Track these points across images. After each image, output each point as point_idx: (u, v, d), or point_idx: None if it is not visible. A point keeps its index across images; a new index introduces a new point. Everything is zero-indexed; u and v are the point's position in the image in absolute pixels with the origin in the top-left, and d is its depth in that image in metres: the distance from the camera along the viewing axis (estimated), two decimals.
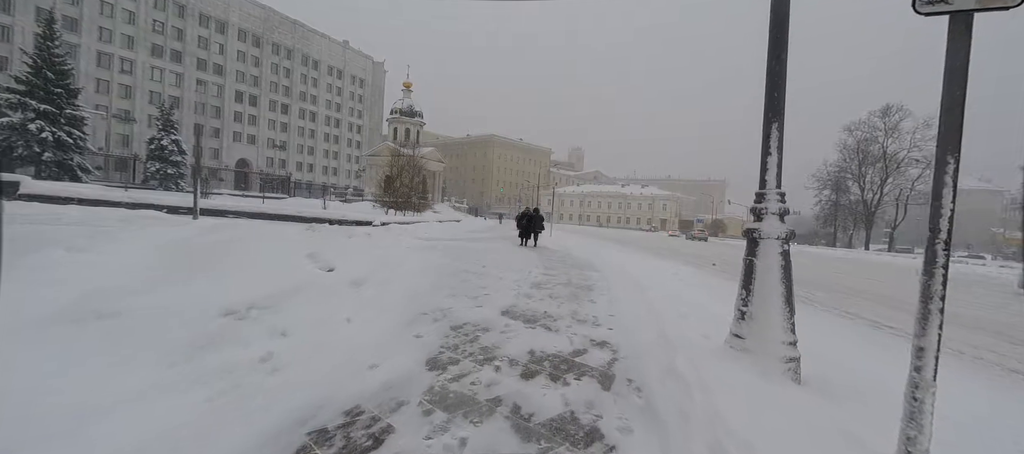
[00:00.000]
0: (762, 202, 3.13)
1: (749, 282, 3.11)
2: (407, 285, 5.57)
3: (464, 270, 7.87)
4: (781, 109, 3.07)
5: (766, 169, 3.10)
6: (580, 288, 6.87)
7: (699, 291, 7.46)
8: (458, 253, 10.76)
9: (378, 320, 3.71)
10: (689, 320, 4.58)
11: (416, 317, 4.12)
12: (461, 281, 6.65)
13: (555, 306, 5.30)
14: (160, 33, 57.26)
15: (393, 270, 6.39)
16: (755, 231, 3.12)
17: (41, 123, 26.40)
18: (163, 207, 15.25)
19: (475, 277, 7.17)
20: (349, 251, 6.62)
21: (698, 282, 9.05)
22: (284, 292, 3.38)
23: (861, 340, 4.77)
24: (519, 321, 4.42)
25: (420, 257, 8.78)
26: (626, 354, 3.54)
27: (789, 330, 2.94)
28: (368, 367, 2.72)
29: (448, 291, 5.70)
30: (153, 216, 10.86)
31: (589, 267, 9.94)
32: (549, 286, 6.89)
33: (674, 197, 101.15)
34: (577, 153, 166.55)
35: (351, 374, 2.59)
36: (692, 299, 6.28)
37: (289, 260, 4.42)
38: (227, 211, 16.01)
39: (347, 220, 16.36)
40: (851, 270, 20.74)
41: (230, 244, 4.67)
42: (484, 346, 3.48)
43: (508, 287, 6.50)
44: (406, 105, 58.05)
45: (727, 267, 14.02)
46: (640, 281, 7.98)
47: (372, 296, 4.36)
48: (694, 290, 7.47)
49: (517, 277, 7.61)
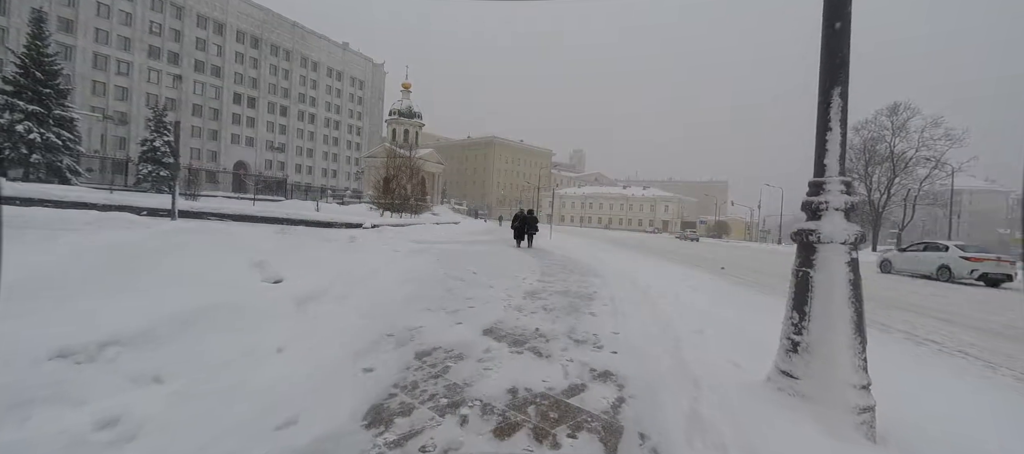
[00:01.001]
0: (820, 193, 2.34)
1: (803, 302, 2.31)
2: (377, 298, 4.79)
3: (451, 277, 7.09)
4: (845, 65, 2.29)
5: (825, 149, 2.32)
6: (579, 298, 6.08)
7: (713, 299, 6.66)
8: (449, 258, 9.98)
9: (322, 348, 2.93)
10: (709, 339, 3.79)
11: (376, 341, 3.33)
12: (445, 291, 5.87)
13: (549, 322, 4.51)
14: (157, 35, 56.80)
15: (365, 279, 5.62)
16: (811, 233, 2.32)
17: (29, 124, 25.75)
18: (143, 209, 14.51)
19: (462, 286, 6.39)
20: (316, 258, 5.85)
21: (711, 288, 8.24)
22: (186, 315, 2.61)
23: (929, 368, 3.96)
24: (504, 343, 3.63)
25: (405, 263, 8.01)
26: (636, 391, 2.75)
27: (861, 368, 2.16)
28: (278, 426, 1.94)
29: (426, 304, 4.92)
30: (123, 218, 10.15)
31: (590, 272, 9.15)
32: (544, 295, 6.10)
33: (676, 199, 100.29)
34: (578, 155, 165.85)
35: (247, 439, 1.82)
36: (707, 309, 5.49)
37: (225, 271, 3.66)
38: (210, 213, 15.28)
39: (336, 223, 15.62)
40: (873, 275, 20.48)
41: (159, 252, 3.91)
42: (452, 383, 2.69)
43: (498, 297, 5.71)
44: (405, 106, 57.39)
45: (737, 271, 13.23)
46: (647, 288, 7.19)
47: (325, 314, 3.59)
48: (707, 298, 6.67)
49: (509, 285, 6.83)
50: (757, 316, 5.14)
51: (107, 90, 52.16)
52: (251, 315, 2.97)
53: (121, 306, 2.48)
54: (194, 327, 2.51)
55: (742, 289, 8.83)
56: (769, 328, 4.56)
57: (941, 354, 4.49)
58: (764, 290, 8.96)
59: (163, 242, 4.58)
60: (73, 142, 27.84)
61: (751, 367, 3.00)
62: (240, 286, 3.47)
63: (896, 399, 2.39)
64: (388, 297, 5.07)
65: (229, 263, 3.91)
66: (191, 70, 60.50)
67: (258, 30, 68.43)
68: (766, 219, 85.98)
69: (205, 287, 3.12)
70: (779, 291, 8.80)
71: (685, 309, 5.36)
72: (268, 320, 3.05)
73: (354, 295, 4.66)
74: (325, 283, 4.40)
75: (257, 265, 3.99)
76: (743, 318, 4.91)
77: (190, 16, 59.93)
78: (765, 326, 4.62)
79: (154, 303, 2.61)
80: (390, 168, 30.33)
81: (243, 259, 4.06)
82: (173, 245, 4.50)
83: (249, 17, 67.12)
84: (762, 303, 6.99)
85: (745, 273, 12.79)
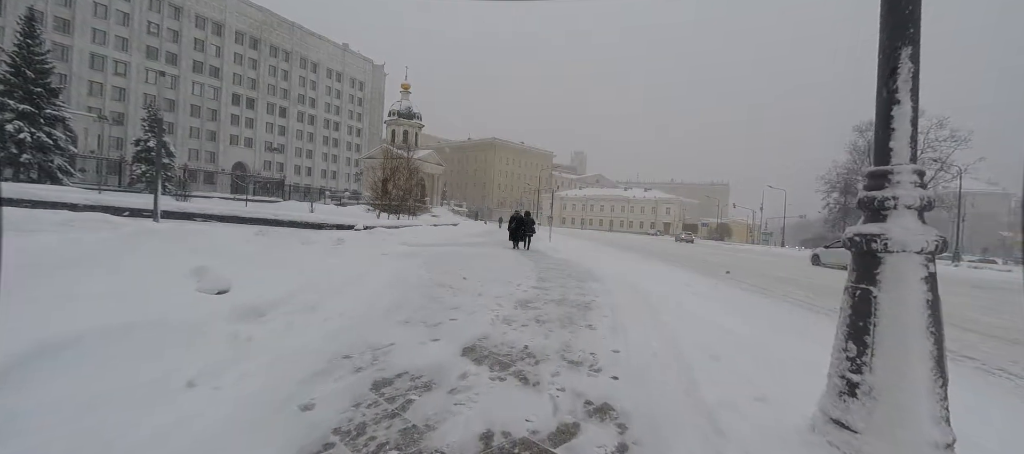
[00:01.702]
0: (885, 186, 1.80)
1: (863, 330, 1.76)
2: (351, 308, 4.25)
3: (438, 283, 6.54)
4: (914, 19, 1.75)
5: (890, 129, 1.79)
6: (576, 307, 5.53)
7: (722, 309, 6.10)
8: (440, 262, 9.43)
9: (255, 377, 2.38)
10: (727, 365, 3.23)
11: (328, 366, 2.78)
12: (429, 299, 5.32)
13: (541, 337, 3.96)
14: (155, 35, 56.45)
15: (343, 286, 5.08)
16: (874, 239, 1.77)
17: (19, 123, 25.30)
18: (125, 210, 14.00)
19: (449, 294, 5.84)
20: (290, 263, 5.32)
21: (719, 296, 7.68)
22: (63, 341, 2.05)
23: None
24: (485, 366, 3.08)
25: (391, 267, 7.46)
26: (641, 434, 2.20)
27: (943, 420, 1.61)
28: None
29: (404, 315, 4.37)
30: (97, 218, 9.64)
31: (589, 277, 8.59)
32: (538, 305, 5.55)
33: (677, 201, 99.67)
34: (579, 157, 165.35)
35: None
36: (718, 321, 4.94)
37: (157, 280, 3.12)
38: (197, 214, 14.75)
39: (327, 224, 15.09)
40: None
41: (94, 257, 3.38)
42: (410, 426, 2.14)
43: (486, 307, 5.17)
44: (404, 107, 56.89)
45: (742, 276, 12.63)
46: (649, 295, 6.63)
47: (272, 332, 3.04)
48: (718, 307, 6.12)
49: (501, 292, 6.28)
50: (778, 335, 4.59)
51: (104, 91, 51.76)
52: (170, 336, 2.42)
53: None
54: (65, 357, 1.96)
55: (752, 297, 8.26)
56: (794, 349, 3.94)
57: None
58: (775, 297, 8.39)
59: (109, 246, 4.06)
60: (65, 142, 27.39)
61: (781, 403, 2.44)
62: (168, 298, 2.93)
63: None
64: (364, 307, 4.53)
65: (171, 269, 3.38)
66: (189, 71, 60.11)
67: (257, 31, 68.07)
68: (768, 222, 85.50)
69: (118, 301, 2.57)
70: (794, 300, 8.24)
71: (695, 322, 4.80)
72: (191, 342, 2.50)
73: (325, 305, 4.11)
74: (289, 292, 3.86)
75: (196, 271, 3.45)
76: (761, 335, 4.35)
77: (188, 16, 59.58)
78: (789, 347, 4.07)
79: (33, 323, 2.07)
80: (387, 169, 29.77)
81: (186, 264, 3.52)
82: (117, 249, 3.97)
83: (248, 18, 66.77)
84: (779, 316, 6.43)
85: (751, 278, 12.19)
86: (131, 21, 53.77)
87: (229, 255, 5.19)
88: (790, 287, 10.22)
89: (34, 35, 26.42)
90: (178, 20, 58.68)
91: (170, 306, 2.79)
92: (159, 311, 2.65)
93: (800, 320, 6.01)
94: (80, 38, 49.36)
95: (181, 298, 3.03)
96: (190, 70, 60.19)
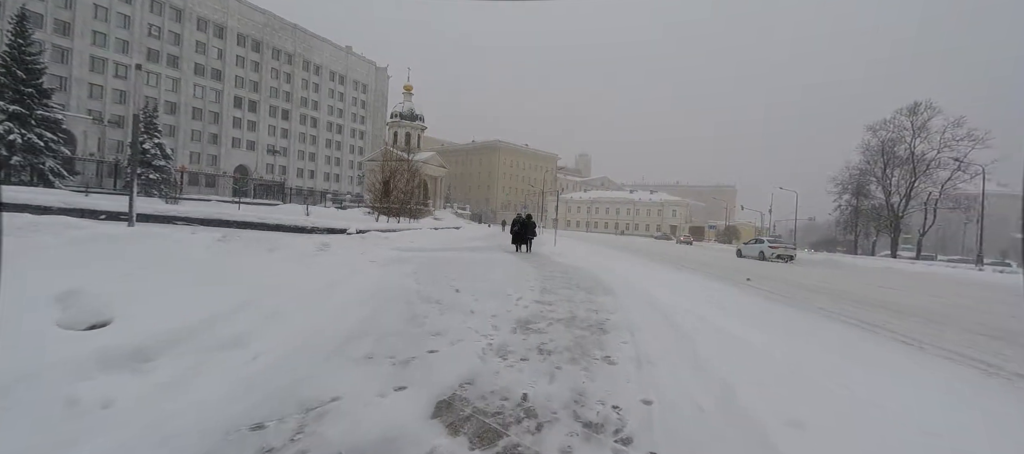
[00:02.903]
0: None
1: None
2: (290, 340, 3.29)
3: (425, 297, 5.59)
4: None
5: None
6: (588, 329, 4.55)
7: (761, 328, 5.09)
8: (432, 269, 8.48)
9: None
10: (819, 436, 2.23)
11: (217, 447, 1.83)
12: (407, 321, 4.36)
13: (546, 380, 2.99)
14: (156, 38, 56.06)
15: (304, 303, 4.14)
16: None
17: (9, 125, 24.64)
18: (102, 213, 13.17)
19: (435, 311, 4.88)
20: (233, 275, 4.38)
21: (752, 310, 6.65)
22: None
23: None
24: (463, 439, 2.12)
25: (372, 278, 6.52)
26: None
27: None
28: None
29: (368, 347, 3.41)
30: (58, 222, 8.78)
31: (599, 287, 7.60)
32: (542, 325, 4.57)
33: (684, 203, 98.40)
34: (584, 159, 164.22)
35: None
36: (766, 348, 3.94)
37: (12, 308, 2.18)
38: (180, 218, 13.89)
39: (318, 227, 14.18)
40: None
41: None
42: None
43: (478, 330, 4.20)
44: (406, 109, 56.10)
45: (763, 282, 11.54)
46: (671, 311, 5.63)
47: (152, 388, 2.10)
48: (752, 327, 5.11)
49: (498, 308, 5.30)
50: (856, 367, 3.56)
51: (105, 93, 51.32)
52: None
53: None
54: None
55: (788, 310, 7.23)
56: (903, 398, 2.77)
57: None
58: (807, 309, 7.35)
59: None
60: (56, 143, 26.71)
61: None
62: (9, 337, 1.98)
63: None
64: (321, 333, 3.58)
65: (26, 293, 2.45)
66: (191, 73, 59.69)
67: (259, 33, 67.68)
68: (776, 224, 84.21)
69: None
70: (833, 313, 7.18)
71: (738, 350, 3.81)
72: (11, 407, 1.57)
73: (259, 336, 3.16)
74: (212, 317, 2.93)
75: (61, 298, 2.51)
76: (836, 370, 3.33)
77: (190, 19, 59.20)
78: (882, 390, 2.98)
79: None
80: (386, 170, 28.88)
81: (52, 286, 2.59)
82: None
83: (250, 20, 66.39)
84: (834, 338, 5.41)
85: (776, 285, 11.09)
86: (132, 24, 53.38)
87: (171, 267, 4.27)
88: (818, 297, 9.16)
89: (25, 35, 25.78)
90: (180, 23, 58.30)
91: (10, 349, 1.85)
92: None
93: (865, 346, 4.99)
94: (80, 41, 48.94)
95: (20, 338, 2.09)
96: (192, 73, 59.76)
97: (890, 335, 5.61)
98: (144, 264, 4.04)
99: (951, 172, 42.82)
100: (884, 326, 6.21)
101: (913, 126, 44.05)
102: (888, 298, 9.68)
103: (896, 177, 46.14)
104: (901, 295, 10.44)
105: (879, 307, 8.11)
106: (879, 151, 47.15)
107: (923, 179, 45.23)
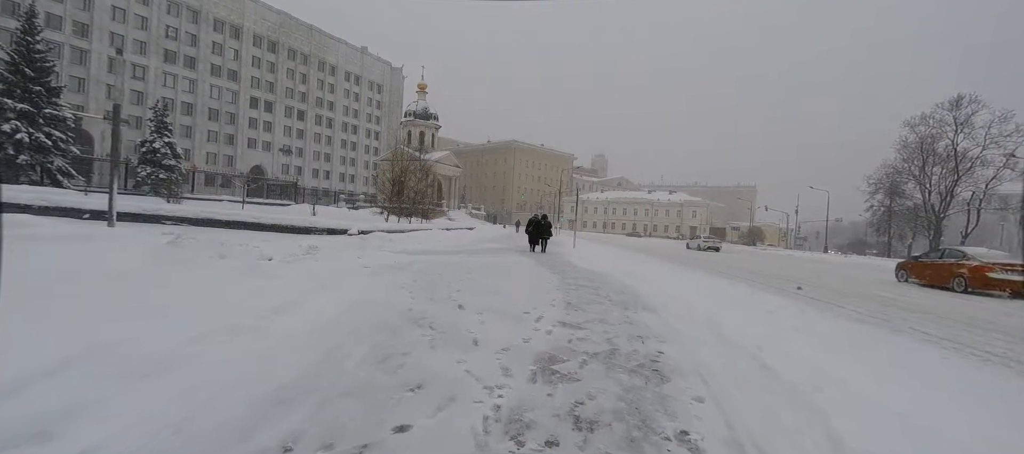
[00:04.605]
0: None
1: None
2: (155, 416, 2.02)
3: (416, 318, 4.28)
4: None
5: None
6: (639, 374, 3.17)
7: (886, 375, 3.65)
8: (434, 276, 7.18)
9: None
10: None
11: None
12: (376, 363, 3.04)
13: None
14: (173, 39, 56.29)
15: (198, 348, 2.86)
16: None
17: (17, 123, 24.28)
18: (85, 212, 12.26)
19: (425, 343, 3.56)
20: (125, 297, 3.13)
21: (835, 336, 5.15)
22: None
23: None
24: None
25: (355, 291, 5.24)
26: None
27: None
28: None
29: (299, 420, 2.10)
30: (14, 220, 7.79)
31: (635, 302, 6.18)
32: (572, 369, 3.20)
33: (704, 204, 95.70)
34: (601, 160, 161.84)
35: None
36: (931, 425, 2.54)
37: None
38: (168, 217, 12.89)
39: (316, 228, 13.05)
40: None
41: None
42: None
43: (481, 377, 2.86)
44: (420, 108, 55.23)
45: (814, 289, 9.86)
46: (743, 341, 4.22)
47: None
48: (862, 368, 3.67)
49: (510, 336, 3.95)
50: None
51: (123, 94, 51.63)
52: None
53: None
54: None
55: (889, 336, 5.70)
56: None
57: None
58: (908, 334, 5.80)
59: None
60: (65, 142, 26.31)
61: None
62: None
63: None
64: (220, 399, 2.29)
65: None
66: (207, 74, 59.86)
67: (275, 34, 67.69)
68: (802, 225, 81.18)
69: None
70: (938, 339, 5.59)
71: (891, 426, 2.39)
72: None
73: (106, 409, 1.88)
74: (47, 371, 1.68)
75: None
76: None
77: (206, 20, 59.37)
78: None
79: None
80: (396, 169, 27.78)
81: None
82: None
83: (266, 21, 66.42)
84: (979, 384, 3.93)
85: (832, 296, 9.42)
86: (149, 25, 53.66)
87: (65, 282, 3.06)
88: (900, 312, 7.56)
89: (34, 32, 25.42)
90: (196, 24, 58.50)
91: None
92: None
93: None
94: (98, 42, 49.29)
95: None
96: (208, 74, 59.93)
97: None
98: (41, 276, 2.82)
99: (997, 170, 40.04)
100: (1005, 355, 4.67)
101: (956, 121, 41.29)
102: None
103: (937, 176, 43.39)
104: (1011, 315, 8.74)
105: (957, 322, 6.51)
106: (917, 147, 44.40)
107: (966, 178, 42.48)
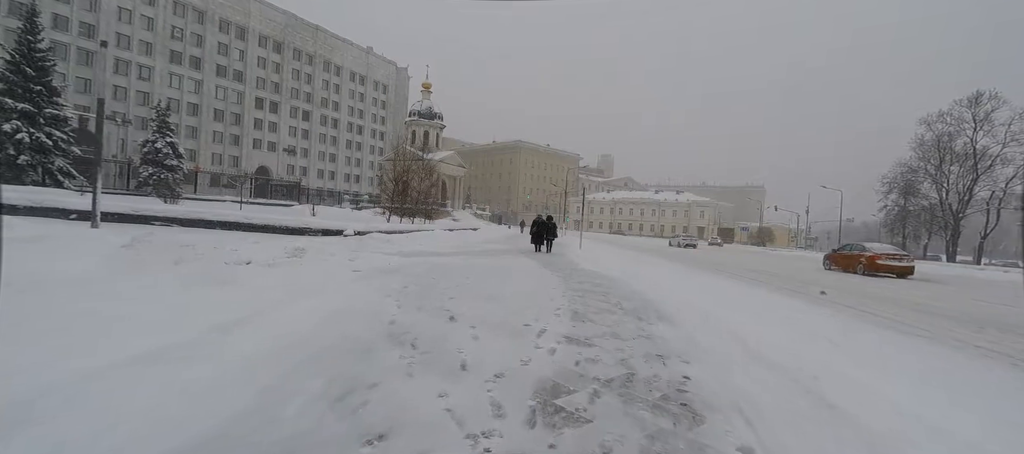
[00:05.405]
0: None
1: None
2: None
3: (397, 335, 3.66)
4: None
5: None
6: (665, 410, 2.51)
7: (962, 406, 2.98)
8: (430, 281, 6.56)
9: None
10: None
11: None
12: (332, 403, 2.42)
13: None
14: (179, 39, 56.31)
15: (61, 405, 2.26)
16: None
17: (17, 123, 24.03)
18: (72, 212, 11.81)
19: (400, 369, 2.94)
20: (30, 316, 2.54)
21: (873, 352, 4.47)
22: None
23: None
24: None
25: (340, 296, 4.63)
26: None
27: None
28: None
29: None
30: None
31: (649, 311, 5.52)
32: (581, 404, 2.55)
33: (712, 204, 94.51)
34: (607, 159, 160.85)
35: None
36: None
37: None
38: (158, 217, 12.41)
39: (312, 229, 12.51)
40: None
41: None
42: None
43: (464, 419, 2.23)
44: (425, 107, 54.84)
45: (838, 295, 9.09)
46: (781, 361, 3.56)
47: None
48: (950, 409, 3.00)
49: (506, 356, 3.32)
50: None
51: (128, 95, 51.70)
52: None
53: None
54: None
55: (945, 351, 5.00)
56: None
57: None
58: (951, 344, 5.08)
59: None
60: (66, 142, 26.04)
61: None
62: None
63: None
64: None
65: None
66: (213, 75, 59.86)
67: (281, 35, 67.63)
68: (813, 225, 79.76)
69: None
70: (985, 350, 4.85)
71: None
72: None
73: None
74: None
75: None
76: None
77: (212, 21, 59.36)
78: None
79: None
80: (398, 168, 27.25)
81: None
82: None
83: (272, 21, 66.37)
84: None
85: (853, 299, 8.63)
86: (155, 26, 53.69)
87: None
88: (948, 323, 6.81)
89: (35, 31, 25.18)
90: (202, 24, 58.50)
91: None
92: None
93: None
94: None
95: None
96: (214, 74, 59.93)
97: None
98: None
99: (1017, 169, 38.79)
100: None
101: (975, 118, 40.08)
102: None
103: (955, 174, 42.16)
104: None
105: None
106: (934, 146, 43.20)
107: (985, 177, 41.26)
